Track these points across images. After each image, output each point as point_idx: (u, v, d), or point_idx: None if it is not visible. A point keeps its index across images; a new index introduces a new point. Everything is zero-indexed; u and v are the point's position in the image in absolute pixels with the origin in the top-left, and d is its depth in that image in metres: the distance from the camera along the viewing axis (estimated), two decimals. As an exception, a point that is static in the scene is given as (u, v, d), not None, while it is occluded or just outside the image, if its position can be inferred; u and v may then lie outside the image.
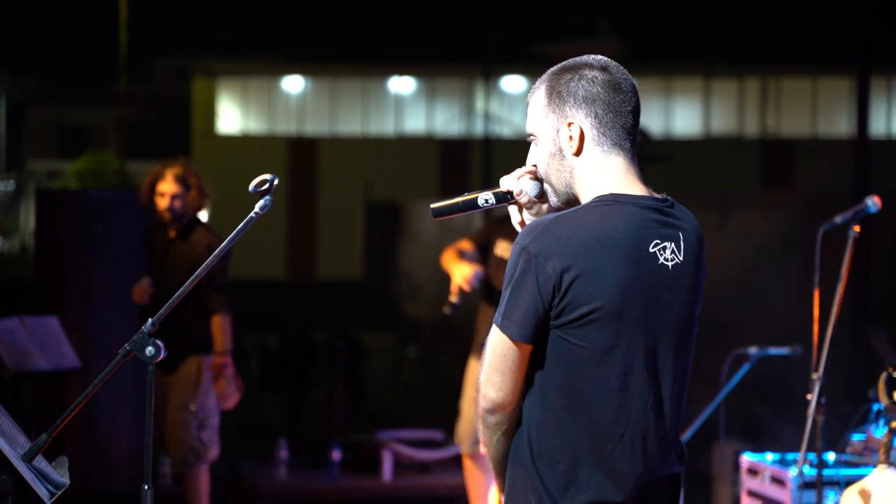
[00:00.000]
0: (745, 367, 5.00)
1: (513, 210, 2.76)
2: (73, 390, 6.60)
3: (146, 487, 3.01)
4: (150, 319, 3.02)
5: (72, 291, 6.77)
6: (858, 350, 8.19)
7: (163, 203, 6.20)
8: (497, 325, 2.54)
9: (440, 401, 12.10)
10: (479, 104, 34.77)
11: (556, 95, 2.67)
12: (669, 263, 2.60)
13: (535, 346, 2.54)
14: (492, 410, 2.57)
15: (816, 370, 4.58)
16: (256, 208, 3.05)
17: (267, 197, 3.02)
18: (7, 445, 2.99)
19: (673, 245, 2.61)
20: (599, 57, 2.70)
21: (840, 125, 33.26)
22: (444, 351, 15.00)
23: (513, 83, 36.34)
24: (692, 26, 36.87)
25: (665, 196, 2.69)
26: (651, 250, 2.57)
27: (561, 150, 2.66)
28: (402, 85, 36.47)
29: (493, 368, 2.55)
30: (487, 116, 18.02)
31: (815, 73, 34.44)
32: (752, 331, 10.27)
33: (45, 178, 46.71)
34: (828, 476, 4.99)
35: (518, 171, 2.75)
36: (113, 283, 6.74)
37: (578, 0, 38.81)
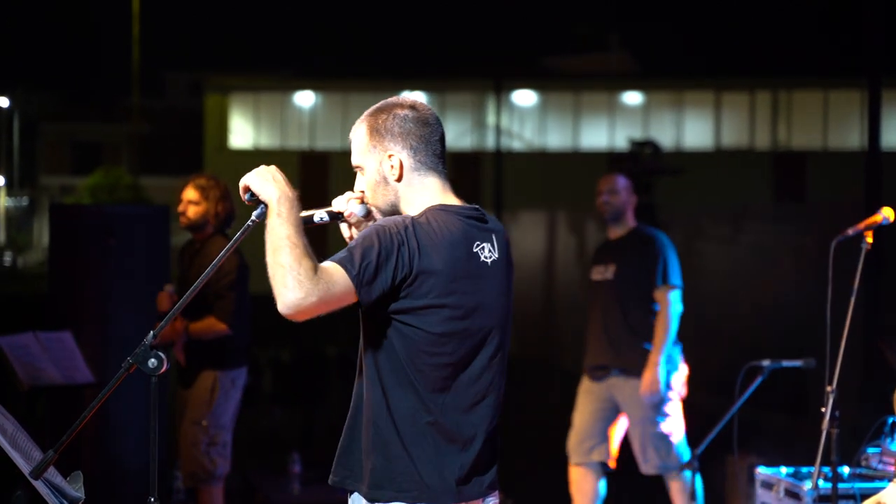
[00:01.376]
0: (759, 380, 4.99)
1: (343, 227, 3.24)
2: (86, 405, 6.61)
3: (152, 500, 3.02)
4: (151, 332, 3.03)
5: (85, 306, 6.78)
6: (872, 362, 8.17)
7: (179, 208, 6.33)
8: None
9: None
10: (491, 118, 34.81)
11: (376, 133, 3.17)
12: (489, 260, 3.11)
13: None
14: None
15: (830, 383, 4.58)
16: (253, 216, 3.08)
17: (262, 205, 3.04)
18: (22, 461, 3.00)
19: (489, 245, 3.12)
20: (407, 97, 3.26)
21: (852, 137, 33.19)
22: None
23: (524, 97, 36.37)
24: (703, 39, 36.88)
25: (476, 206, 3.20)
26: (475, 250, 3.09)
27: (385, 178, 3.16)
28: (413, 98, 36.52)
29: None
30: (499, 130, 18.03)
31: (826, 85, 34.40)
32: (765, 343, 10.26)
33: (59, 194, 46.86)
34: (843, 490, 4.98)
35: (347, 195, 3.20)
36: (126, 297, 6.76)
37: (589, 14, 38.82)
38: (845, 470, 5.22)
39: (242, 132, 36.87)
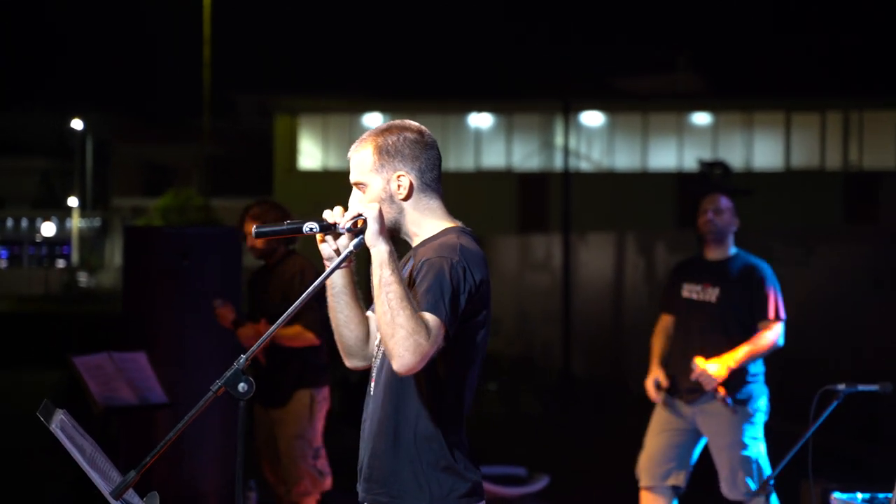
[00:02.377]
0: (834, 404, 4.93)
1: (329, 239, 3.27)
2: (160, 425, 6.67)
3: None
4: (241, 356, 3.05)
5: (159, 327, 6.85)
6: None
7: (248, 243, 6.35)
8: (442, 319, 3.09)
9: (521, 436, 12.08)
10: (559, 139, 34.78)
11: (385, 153, 3.30)
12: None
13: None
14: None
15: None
16: (351, 246, 3.14)
17: (361, 236, 3.10)
18: (101, 481, 3.04)
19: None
20: (411, 122, 3.36)
21: (925, 158, 32.82)
22: (524, 385, 14.97)
23: (592, 118, 36.30)
24: (774, 60, 36.62)
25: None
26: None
27: (391, 196, 3.30)
28: (481, 120, 36.59)
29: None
30: (567, 151, 17.98)
31: (898, 105, 34.06)
32: (840, 367, 10.14)
33: (130, 215, 47.41)
34: (919, 516, 4.90)
35: (338, 209, 3.24)
36: (199, 318, 6.81)
37: (657, 35, 38.72)
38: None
39: (311, 153, 37.12)
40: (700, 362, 6.07)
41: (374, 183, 3.30)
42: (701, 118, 36.30)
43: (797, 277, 11.30)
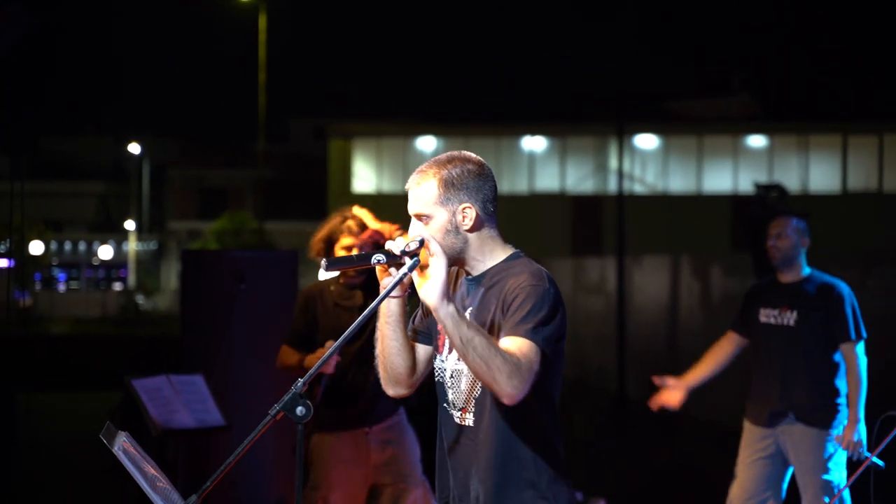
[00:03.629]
0: None
1: (393, 270, 3.26)
2: (217, 448, 6.71)
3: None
4: (299, 380, 3.07)
5: (217, 350, 6.90)
6: None
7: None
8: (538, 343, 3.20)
9: (576, 460, 12.04)
10: (613, 162, 34.70)
11: (451, 185, 3.33)
12: None
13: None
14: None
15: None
16: (405, 268, 3.16)
17: (416, 258, 3.13)
18: (162, 503, 3.06)
19: None
20: (469, 154, 3.41)
21: (984, 180, 32.46)
22: (578, 408, 14.92)
23: (646, 140, 36.20)
24: (829, 81, 36.38)
25: None
26: None
27: (457, 228, 3.33)
28: (535, 143, 36.59)
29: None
30: (621, 174, 17.94)
31: (957, 127, 33.71)
32: (898, 392, 10.02)
33: (186, 238, 47.78)
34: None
35: (400, 240, 3.26)
36: (255, 341, 6.86)
37: (711, 57, 38.56)
38: None
39: (365, 177, 37.27)
40: (847, 432, 5.98)
41: (439, 215, 3.33)
42: (756, 140, 36.10)
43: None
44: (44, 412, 13.42)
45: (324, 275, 3.22)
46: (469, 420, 3.35)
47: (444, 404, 3.44)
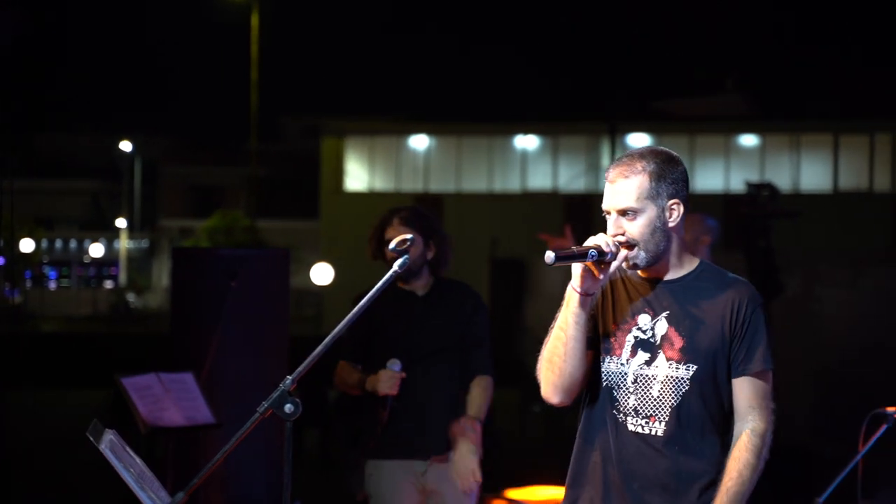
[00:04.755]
0: (884, 428, 4.88)
1: (585, 266, 3.17)
2: (206, 446, 6.70)
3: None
4: (288, 377, 3.06)
5: (207, 348, 6.88)
6: None
7: (387, 255, 5.21)
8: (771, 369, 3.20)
9: (566, 458, 12.01)
10: (605, 161, 34.71)
11: (662, 179, 3.20)
12: None
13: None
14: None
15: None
16: (395, 266, 3.13)
17: (406, 256, 3.10)
18: (150, 501, 3.06)
19: None
20: (668, 149, 3.28)
21: (976, 180, 32.52)
22: (569, 407, 14.87)
23: (638, 140, 36.23)
24: (821, 82, 36.43)
25: None
26: None
27: (665, 224, 3.20)
28: (527, 142, 36.59)
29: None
30: (613, 173, 17.93)
31: (949, 127, 33.75)
32: (889, 391, 10.03)
33: (177, 236, 47.71)
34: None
35: (602, 236, 3.18)
36: (246, 339, 6.84)
37: (704, 57, 38.61)
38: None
39: (358, 175, 37.23)
40: None
41: (649, 210, 3.20)
42: (748, 140, 36.12)
43: (844, 300, 11.21)
44: (34, 410, 13.41)
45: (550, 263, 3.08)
46: (657, 429, 3.20)
47: (615, 411, 3.27)
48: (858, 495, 4.90)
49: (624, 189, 3.19)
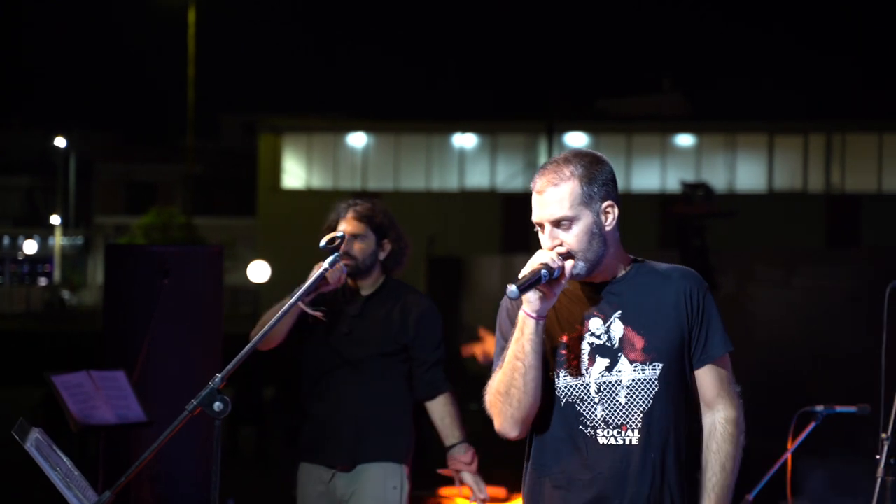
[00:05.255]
0: (812, 426, 4.94)
1: (539, 289, 3.00)
2: (138, 444, 6.64)
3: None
4: (217, 375, 3.04)
5: (139, 346, 6.82)
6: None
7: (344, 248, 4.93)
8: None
9: (501, 456, 12.04)
10: (542, 159, 34.83)
11: (594, 183, 3.06)
12: None
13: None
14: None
15: (885, 430, 4.52)
16: (325, 264, 3.11)
17: (336, 253, 3.07)
18: (76, 501, 3.03)
19: None
20: (589, 150, 3.17)
21: (907, 180, 32.98)
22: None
23: (576, 139, 36.39)
24: (757, 83, 36.77)
25: None
26: None
27: (601, 230, 3.06)
28: (465, 140, 36.64)
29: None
30: (550, 172, 18.00)
31: (880, 128, 34.18)
32: (819, 388, 10.15)
33: (113, 233, 47.29)
34: (898, 537, 4.90)
35: (547, 253, 3.01)
36: (178, 337, 6.79)
37: (642, 57, 38.87)
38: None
39: (295, 173, 37.10)
40: None
41: (584, 216, 3.04)
42: (684, 140, 36.41)
43: (778, 298, 11.34)
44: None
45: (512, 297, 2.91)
46: (631, 438, 3.04)
47: (581, 427, 3.06)
48: (788, 492, 4.95)
49: (555, 198, 3.02)
